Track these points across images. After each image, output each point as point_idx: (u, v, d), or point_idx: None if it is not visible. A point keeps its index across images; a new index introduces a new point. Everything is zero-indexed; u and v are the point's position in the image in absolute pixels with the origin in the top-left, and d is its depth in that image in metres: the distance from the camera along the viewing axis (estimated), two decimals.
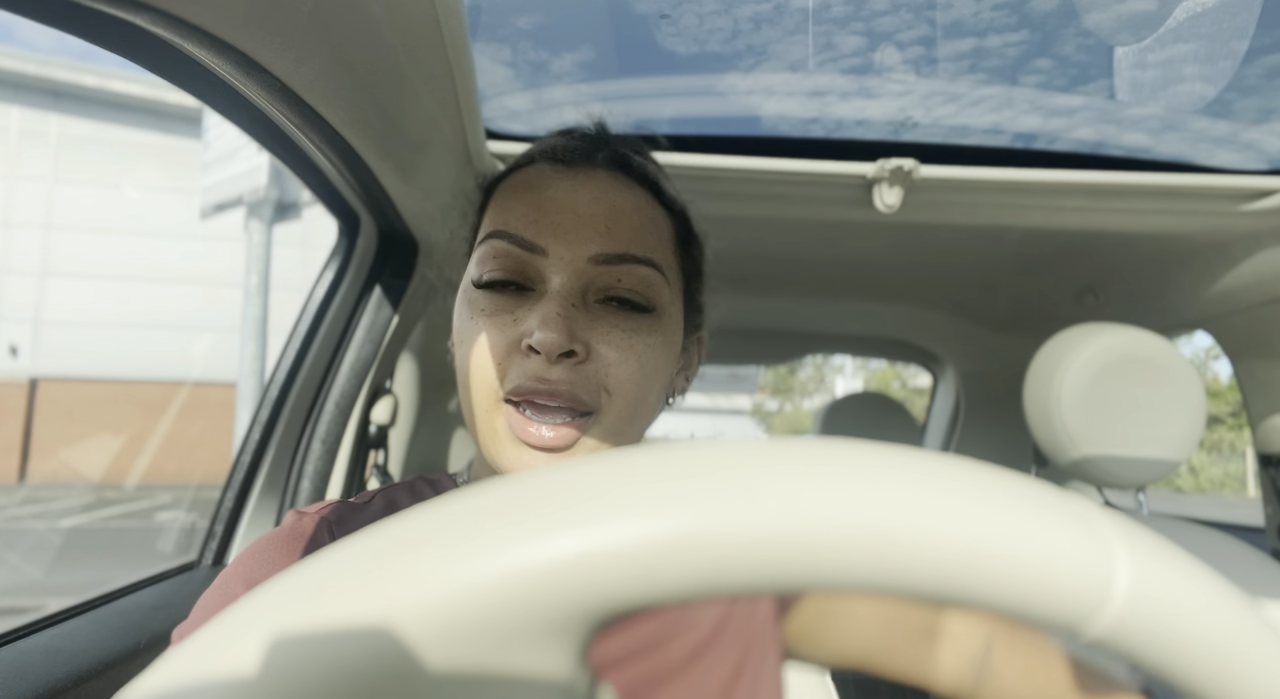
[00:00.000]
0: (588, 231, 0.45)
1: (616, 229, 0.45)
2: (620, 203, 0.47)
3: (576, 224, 0.45)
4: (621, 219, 0.46)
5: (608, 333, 0.44)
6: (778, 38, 0.97)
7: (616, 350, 0.44)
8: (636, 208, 0.47)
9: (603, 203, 0.46)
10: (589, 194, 0.46)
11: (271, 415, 0.91)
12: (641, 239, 0.46)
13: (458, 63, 0.65)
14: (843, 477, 0.16)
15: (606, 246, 0.45)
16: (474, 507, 0.16)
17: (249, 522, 0.90)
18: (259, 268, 5.85)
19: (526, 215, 0.45)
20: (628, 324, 0.45)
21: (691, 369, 0.54)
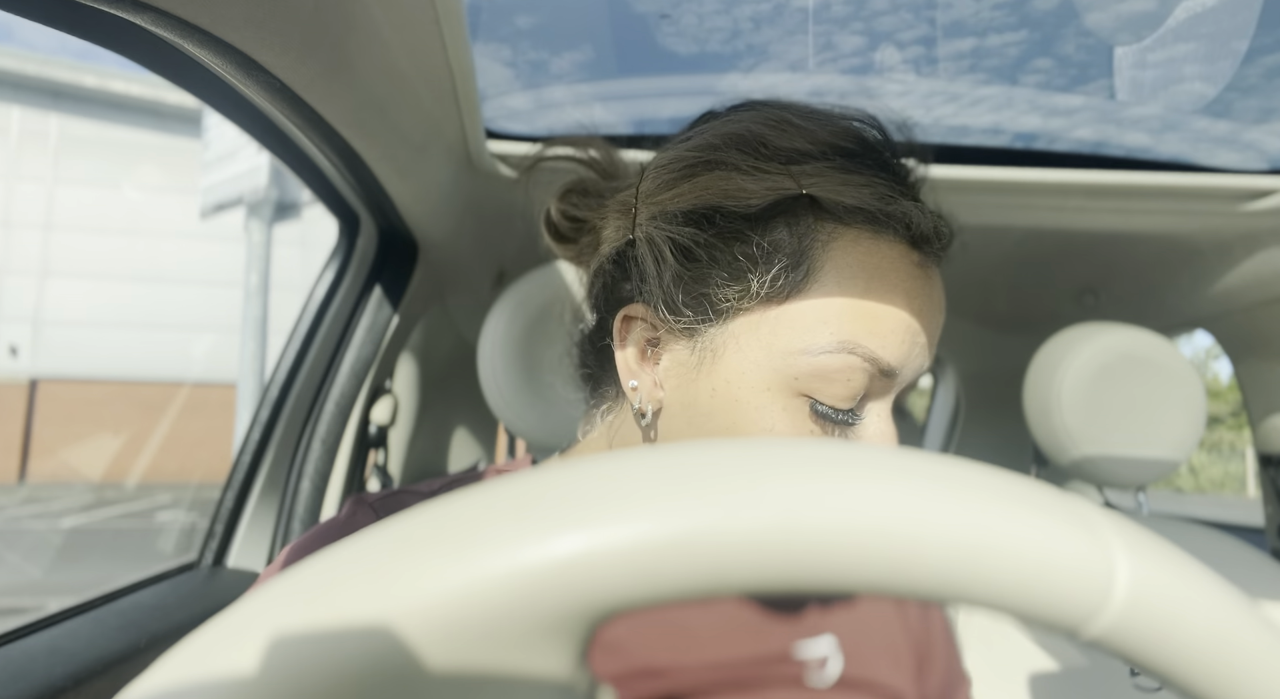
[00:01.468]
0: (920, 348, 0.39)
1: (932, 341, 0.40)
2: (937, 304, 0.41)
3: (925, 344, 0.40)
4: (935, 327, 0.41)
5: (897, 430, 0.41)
6: (778, 38, 0.97)
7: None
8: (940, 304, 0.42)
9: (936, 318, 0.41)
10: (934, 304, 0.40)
11: (271, 415, 0.91)
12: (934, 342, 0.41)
13: (458, 63, 0.65)
14: (843, 477, 0.16)
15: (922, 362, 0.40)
16: (474, 507, 0.16)
17: (249, 522, 0.90)
18: (259, 268, 5.85)
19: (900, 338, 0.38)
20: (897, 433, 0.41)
21: None
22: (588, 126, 0.61)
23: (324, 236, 1.09)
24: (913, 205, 0.40)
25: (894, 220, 0.39)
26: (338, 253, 0.95)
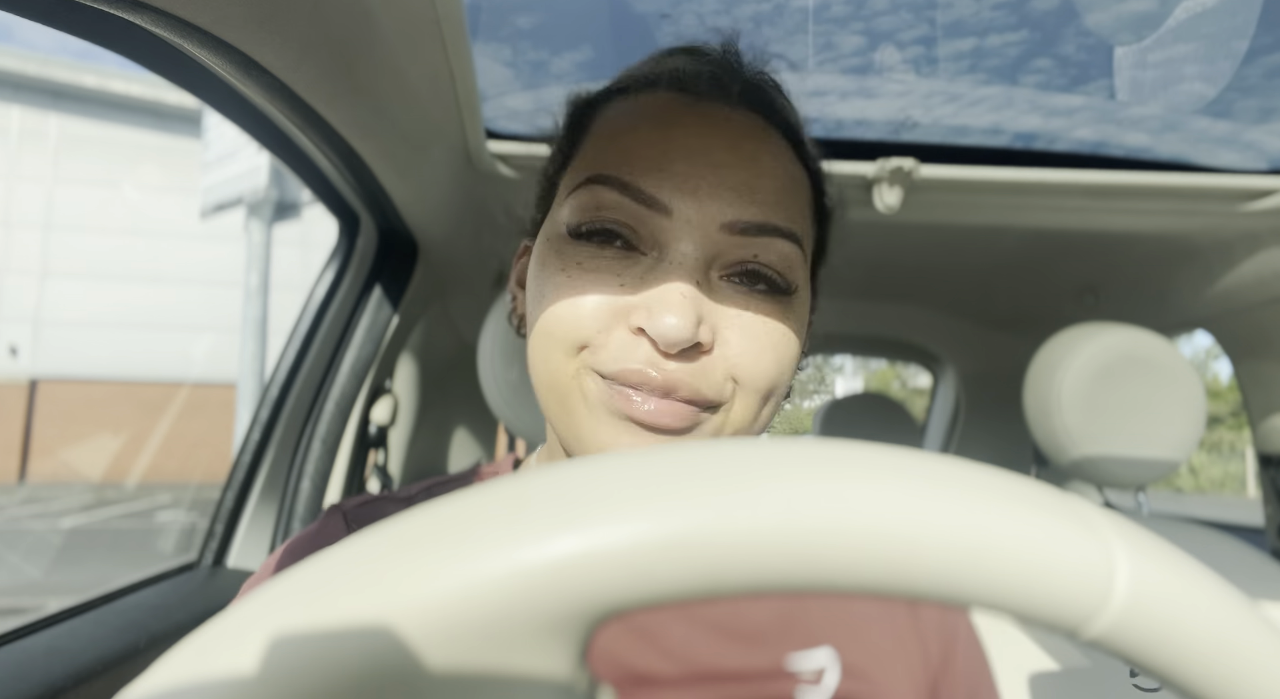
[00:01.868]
0: (724, 190, 0.36)
1: (758, 189, 0.37)
2: (761, 155, 0.38)
3: (713, 180, 0.36)
4: (764, 177, 0.37)
5: (738, 316, 0.37)
6: (778, 38, 0.97)
7: (750, 339, 0.37)
8: (779, 163, 0.39)
9: (743, 154, 0.37)
10: (726, 141, 0.37)
11: (271, 415, 0.91)
12: (785, 204, 0.38)
13: (458, 63, 0.65)
14: (843, 477, 0.16)
15: (746, 212, 0.36)
16: (474, 506, 0.16)
17: (249, 522, 0.90)
18: (259, 268, 5.85)
19: (649, 160, 0.37)
20: (763, 307, 0.37)
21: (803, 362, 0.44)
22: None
23: (324, 236, 1.09)
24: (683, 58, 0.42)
25: (662, 77, 0.40)
26: (338, 253, 0.95)
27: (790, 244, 0.38)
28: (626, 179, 0.37)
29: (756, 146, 0.39)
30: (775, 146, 0.39)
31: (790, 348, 0.38)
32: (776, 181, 0.38)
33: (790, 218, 0.38)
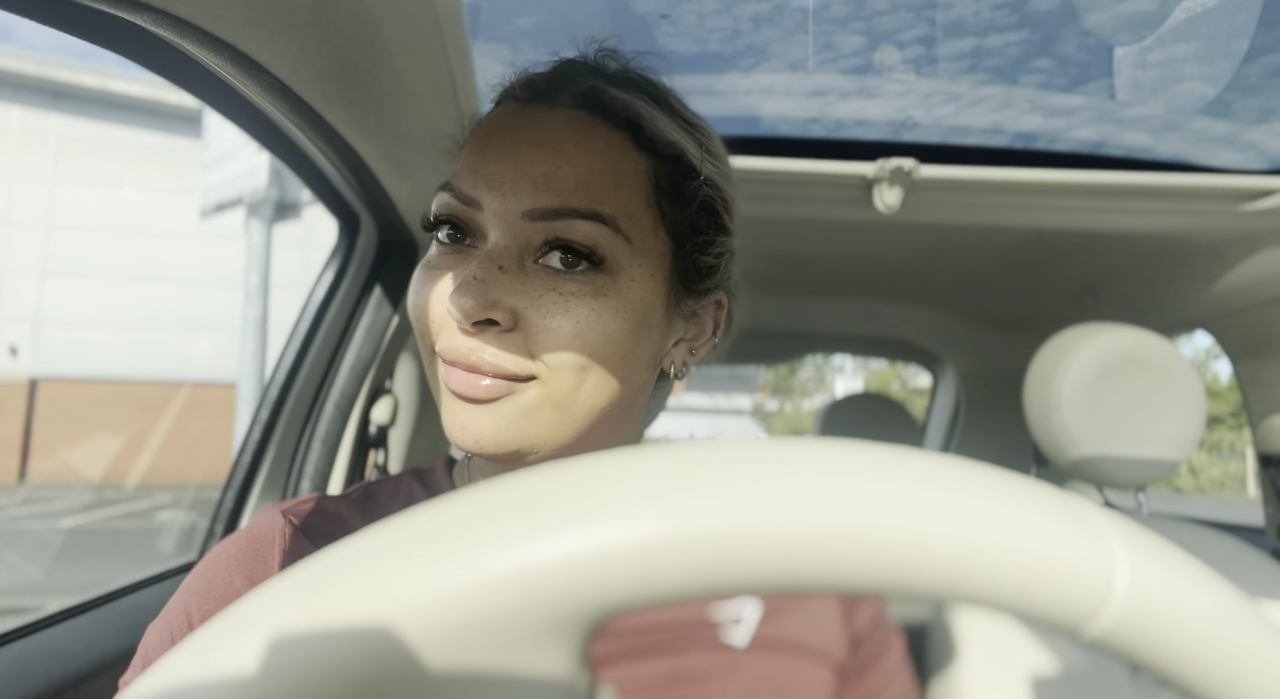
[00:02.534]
0: (523, 183, 0.40)
1: (556, 178, 0.40)
2: (568, 147, 0.41)
3: (514, 174, 0.40)
4: (565, 166, 0.40)
5: (540, 296, 0.40)
6: (778, 37, 0.97)
7: (547, 315, 0.39)
8: (590, 152, 0.41)
9: (546, 148, 0.41)
10: (533, 138, 0.41)
11: (271, 415, 0.91)
12: (589, 189, 0.40)
13: (458, 63, 0.65)
14: (843, 477, 0.16)
15: (541, 200, 0.40)
16: (473, 507, 0.16)
17: (249, 521, 0.90)
18: (259, 268, 5.85)
19: (469, 164, 0.42)
20: (565, 286, 0.40)
21: (700, 339, 0.47)
22: None
23: (324, 236, 1.08)
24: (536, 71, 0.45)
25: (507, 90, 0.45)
26: (338, 253, 0.95)
27: (592, 223, 0.40)
28: (453, 183, 0.42)
29: (564, 140, 0.41)
30: (595, 136, 0.42)
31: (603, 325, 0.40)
32: (580, 169, 0.40)
33: (597, 200, 0.40)
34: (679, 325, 0.46)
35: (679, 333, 0.46)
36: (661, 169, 0.43)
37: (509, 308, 0.39)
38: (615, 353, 0.41)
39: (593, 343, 0.40)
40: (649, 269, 0.42)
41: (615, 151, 0.42)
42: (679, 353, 0.47)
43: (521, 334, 0.40)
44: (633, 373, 0.42)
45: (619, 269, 0.40)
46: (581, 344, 0.39)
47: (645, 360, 0.43)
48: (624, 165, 0.42)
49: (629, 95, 0.43)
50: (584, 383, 0.40)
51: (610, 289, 0.40)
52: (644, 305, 0.42)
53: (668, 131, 0.43)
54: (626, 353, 0.41)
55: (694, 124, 0.46)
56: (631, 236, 0.41)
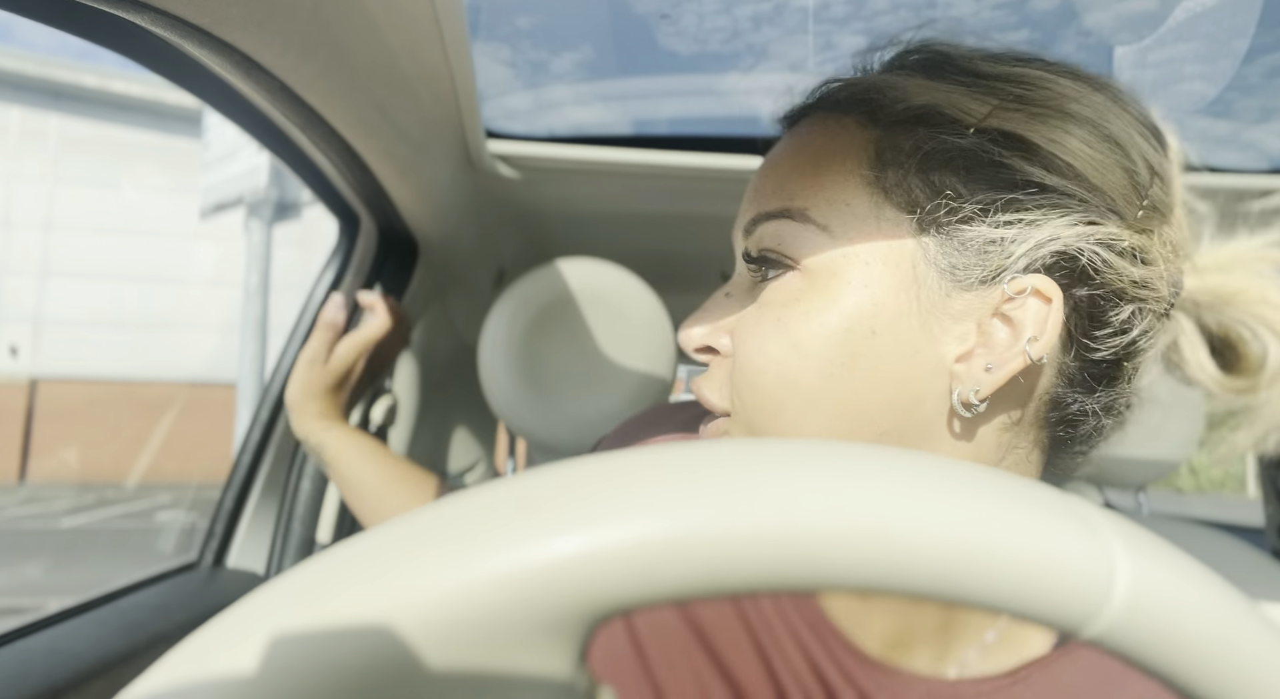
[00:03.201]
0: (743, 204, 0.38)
1: (759, 189, 0.37)
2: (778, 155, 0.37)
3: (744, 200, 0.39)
4: (769, 174, 0.37)
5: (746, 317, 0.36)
6: (778, 37, 0.97)
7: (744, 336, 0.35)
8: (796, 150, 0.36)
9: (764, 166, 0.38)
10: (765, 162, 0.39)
11: (271, 415, 0.91)
12: (783, 187, 0.35)
13: (458, 63, 0.65)
14: (843, 477, 0.16)
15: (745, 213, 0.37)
16: (473, 507, 0.16)
17: (249, 522, 0.90)
18: (259, 268, 5.85)
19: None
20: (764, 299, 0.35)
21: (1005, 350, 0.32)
22: (587, 127, 0.61)
23: (324, 236, 1.09)
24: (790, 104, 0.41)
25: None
26: (338, 253, 0.95)
27: (777, 222, 0.35)
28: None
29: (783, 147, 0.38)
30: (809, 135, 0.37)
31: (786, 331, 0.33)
32: (782, 170, 0.36)
33: (788, 196, 0.35)
34: (957, 332, 0.33)
35: (960, 343, 0.33)
36: (889, 138, 0.34)
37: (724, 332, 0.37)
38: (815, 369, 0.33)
39: (779, 358, 0.33)
40: (865, 261, 0.33)
41: (828, 137, 0.36)
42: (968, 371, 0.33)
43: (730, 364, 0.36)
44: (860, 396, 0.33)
45: (817, 268, 0.34)
46: (766, 362, 0.34)
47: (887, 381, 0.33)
48: (833, 148, 0.35)
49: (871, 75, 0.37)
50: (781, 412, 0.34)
51: (805, 293, 0.34)
52: (859, 307, 0.33)
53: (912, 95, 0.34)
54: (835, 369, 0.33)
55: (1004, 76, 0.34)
56: (833, 226, 0.34)
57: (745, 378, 0.35)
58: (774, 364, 0.34)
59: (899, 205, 0.33)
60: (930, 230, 0.33)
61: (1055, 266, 0.32)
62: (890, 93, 0.34)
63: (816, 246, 0.34)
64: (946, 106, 0.33)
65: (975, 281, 0.33)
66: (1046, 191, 0.32)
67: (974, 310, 0.33)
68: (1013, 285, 0.32)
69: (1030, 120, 0.33)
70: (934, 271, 0.33)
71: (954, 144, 0.33)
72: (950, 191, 0.33)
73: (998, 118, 0.33)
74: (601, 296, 0.91)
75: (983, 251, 0.32)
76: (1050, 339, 0.32)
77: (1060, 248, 0.32)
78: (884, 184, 0.34)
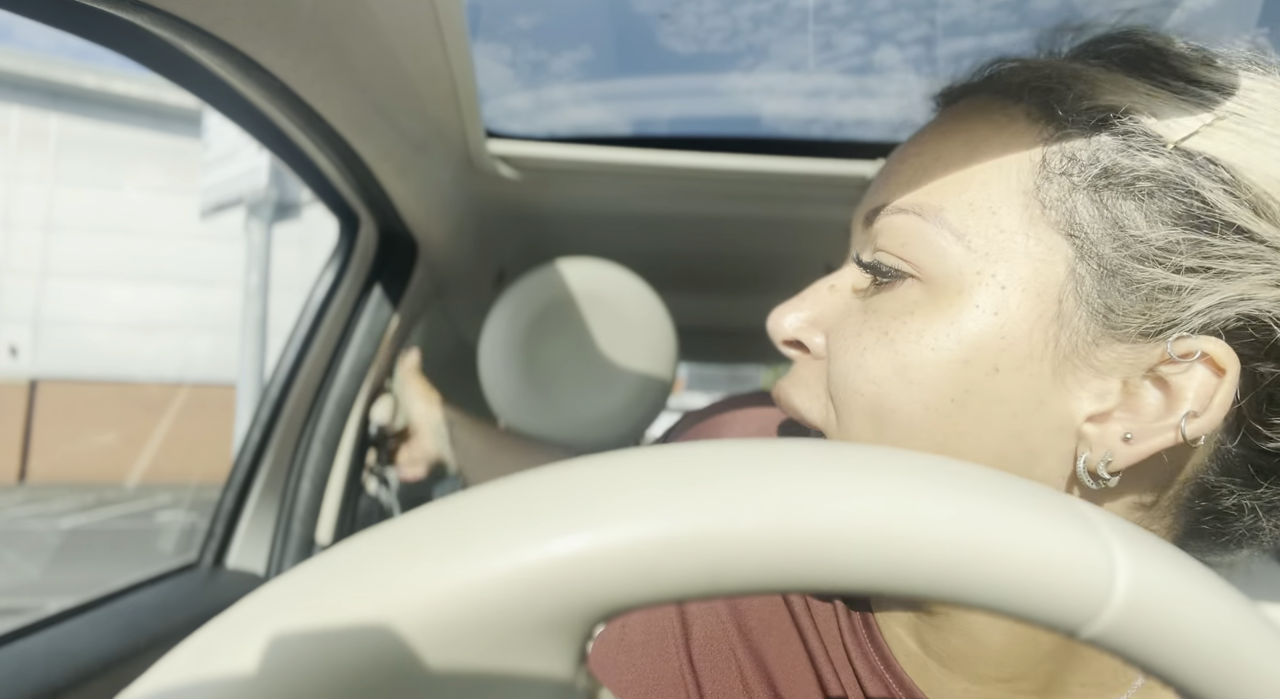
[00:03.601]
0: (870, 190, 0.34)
1: (895, 175, 0.32)
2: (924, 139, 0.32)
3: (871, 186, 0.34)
4: (909, 160, 0.32)
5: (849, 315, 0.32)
6: (778, 37, 0.97)
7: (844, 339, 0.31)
8: (947, 134, 0.31)
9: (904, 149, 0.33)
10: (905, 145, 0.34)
11: (271, 415, 0.91)
12: (922, 180, 0.30)
13: (458, 63, 0.65)
14: (842, 477, 0.16)
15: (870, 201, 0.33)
16: (473, 507, 0.16)
17: (249, 522, 0.90)
18: (259, 268, 5.85)
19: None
20: (872, 302, 0.31)
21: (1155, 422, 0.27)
22: (586, 127, 0.61)
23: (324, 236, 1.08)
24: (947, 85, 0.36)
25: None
26: (338, 253, 0.95)
27: (904, 217, 0.30)
28: None
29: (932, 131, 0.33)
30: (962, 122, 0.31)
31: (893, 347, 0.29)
32: (925, 158, 0.31)
33: (926, 191, 0.30)
34: (1096, 388, 0.28)
35: (1098, 402, 0.28)
36: (1064, 141, 0.28)
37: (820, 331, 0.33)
38: (919, 400, 0.29)
39: (879, 379, 0.29)
40: (1003, 284, 0.28)
41: (990, 127, 0.30)
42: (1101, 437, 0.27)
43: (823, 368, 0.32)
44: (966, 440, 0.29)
45: (942, 281, 0.29)
46: (865, 381, 0.30)
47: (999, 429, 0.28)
48: (992, 142, 0.30)
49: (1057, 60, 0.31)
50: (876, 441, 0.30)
51: (922, 308, 0.29)
52: (984, 337, 0.28)
53: (1102, 90, 0.28)
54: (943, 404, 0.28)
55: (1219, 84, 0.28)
56: (969, 233, 0.28)
57: (839, 394, 0.31)
58: (872, 385, 0.29)
59: (1056, 225, 0.28)
60: (1090, 262, 0.27)
61: (1238, 332, 0.26)
62: (1077, 85, 0.29)
63: (946, 256, 0.29)
64: (1144, 113, 0.27)
65: (1134, 333, 0.27)
66: (1250, 240, 0.26)
67: (1123, 366, 0.27)
68: (1180, 345, 0.26)
69: (1249, 146, 0.26)
70: (1084, 311, 0.27)
71: (1144, 162, 0.27)
72: (1127, 220, 0.27)
73: (1207, 137, 0.27)
74: (601, 297, 0.91)
75: (1152, 298, 0.27)
76: (1215, 418, 0.26)
77: (1252, 311, 0.26)
78: (1044, 196, 0.28)
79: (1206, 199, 0.26)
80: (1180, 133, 0.27)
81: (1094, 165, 0.27)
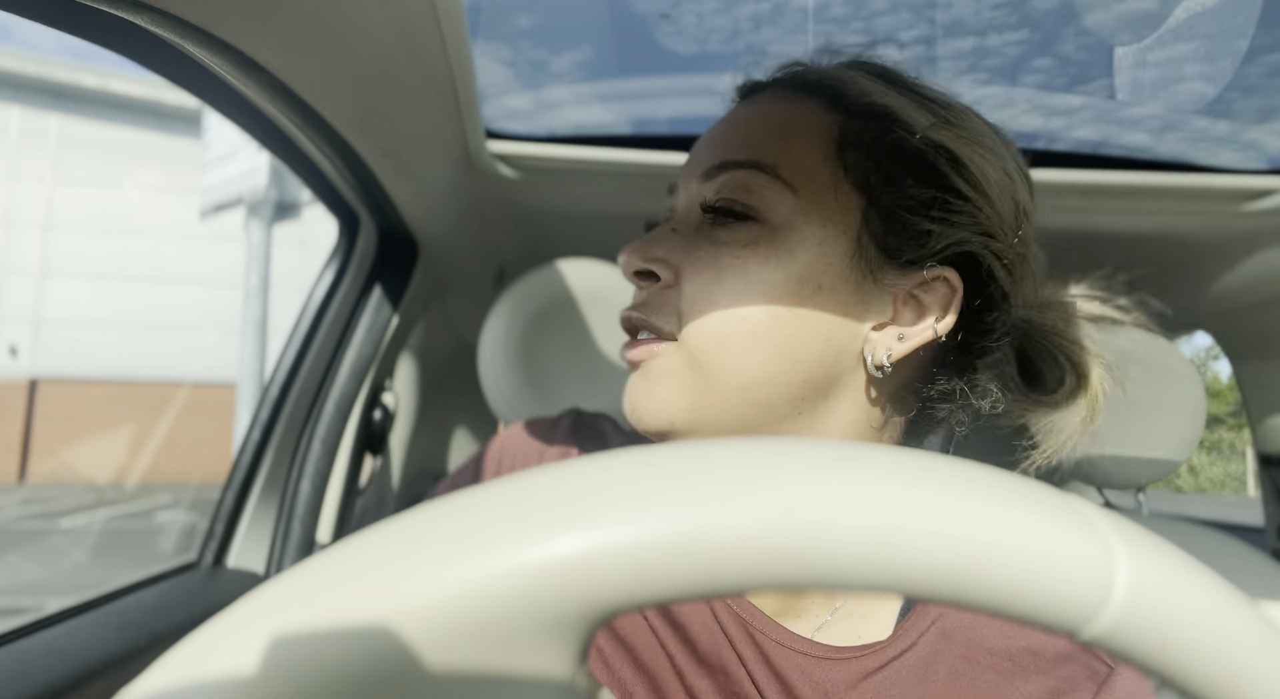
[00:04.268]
0: (701, 151, 0.41)
1: (725, 139, 0.40)
2: (748, 115, 0.41)
3: (699, 145, 0.42)
4: (738, 129, 0.40)
5: (698, 249, 0.39)
6: (777, 37, 0.98)
7: (698, 268, 0.38)
8: (765, 114, 0.41)
9: (730, 122, 0.42)
10: (726, 119, 0.42)
11: (271, 415, 0.91)
12: (752, 143, 0.39)
13: (458, 63, 0.65)
14: (842, 476, 0.16)
15: (710, 158, 0.40)
16: (474, 506, 0.16)
17: (249, 522, 0.90)
18: (259, 268, 5.85)
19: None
20: (719, 236, 0.39)
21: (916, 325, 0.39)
22: (586, 127, 0.63)
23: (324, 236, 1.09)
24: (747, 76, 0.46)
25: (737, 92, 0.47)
26: (338, 253, 0.95)
27: (746, 171, 0.39)
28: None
29: (751, 109, 0.42)
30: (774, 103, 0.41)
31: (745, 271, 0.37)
32: (751, 130, 0.40)
33: (758, 150, 0.39)
34: (881, 304, 0.39)
35: (881, 314, 0.39)
36: (852, 124, 0.39)
37: (669, 263, 0.40)
38: (765, 311, 0.37)
39: (735, 293, 0.37)
40: (822, 223, 0.38)
41: (794, 110, 0.40)
42: (882, 339, 0.39)
43: (676, 291, 0.39)
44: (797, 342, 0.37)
45: (780, 221, 0.38)
46: (722, 294, 0.37)
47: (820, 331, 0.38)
48: (799, 120, 0.40)
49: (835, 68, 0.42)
50: (726, 343, 0.37)
51: (765, 239, 0.38)
52: (812, 264, 0.38)
53: (872, 94, 0.40)
54: (783, 313, 0.37)
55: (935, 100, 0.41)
56: (798, 187, 0.38)
57: (697, 308, 0.38)
58: (728, 298, 0.37)
59: (854, 183, 0.39)
60: (878, 210, 0.39)
61: (959, 263, 0.39)
62: (854, 87, 0.40)
63: (781, 202, 0.38)
64: (899, 111, 0.39)
65: (903, 262, 0.39)
66: (965, 201, 0.39)
67: (896, 286, 0.39)
68: (930, 272, 0.39)
69: (959, 140, 0.39)
70: (874, 246, 0.38)
71: (907, 142, 0.38)
72: (902, 183, 0.38)
73: (937, 132, 0.39)
74: (601, 296, 0.91)
75: (914, 237, 0.38)
76: (951, 320, 0.39)
77: (968, 250, 0.39)
78: (845, 161, 0.39)
79: (943, 171, 0.38)
80: (925, 126, 0.39)
81: (876, 143, 0.39)
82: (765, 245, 0.38)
